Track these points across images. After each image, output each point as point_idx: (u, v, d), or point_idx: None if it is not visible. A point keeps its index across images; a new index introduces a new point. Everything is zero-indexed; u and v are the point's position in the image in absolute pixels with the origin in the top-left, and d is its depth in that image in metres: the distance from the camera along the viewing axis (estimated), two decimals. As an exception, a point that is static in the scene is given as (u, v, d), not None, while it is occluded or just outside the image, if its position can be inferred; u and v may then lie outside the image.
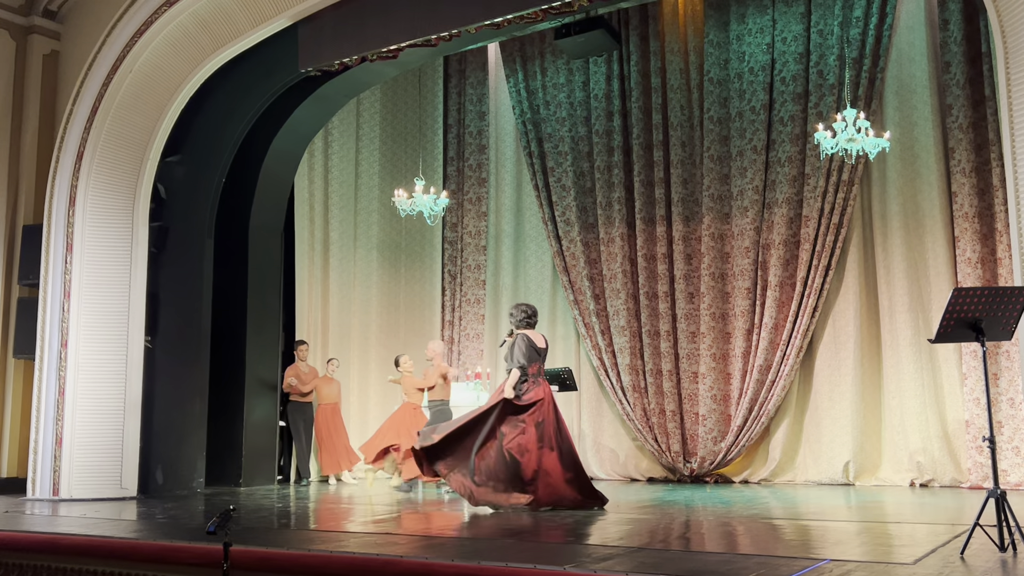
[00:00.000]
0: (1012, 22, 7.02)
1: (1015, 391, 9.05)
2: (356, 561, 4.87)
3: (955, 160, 9.61)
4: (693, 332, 10.94)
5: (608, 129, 11.67)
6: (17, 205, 10.42)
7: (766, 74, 10.70)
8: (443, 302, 12.86)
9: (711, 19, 11.12)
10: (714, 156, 10.93)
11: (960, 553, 4.74)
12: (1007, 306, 5.01)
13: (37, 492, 9.44)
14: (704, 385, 10.68)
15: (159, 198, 10.39)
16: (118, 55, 9.77)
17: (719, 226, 10.87)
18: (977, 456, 9.17)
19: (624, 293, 11.28)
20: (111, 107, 9.82)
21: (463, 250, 12.75)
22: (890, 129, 9.78)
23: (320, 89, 10.31)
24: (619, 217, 11.43)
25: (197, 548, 5.30)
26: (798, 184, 10.39)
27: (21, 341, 10.06)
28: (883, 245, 10.06)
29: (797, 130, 10.39)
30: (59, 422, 9.47)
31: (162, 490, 9.91)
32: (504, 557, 4.88)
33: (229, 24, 9.61)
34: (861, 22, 10.08)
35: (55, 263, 9.71)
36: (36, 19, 10.53)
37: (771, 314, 10.30)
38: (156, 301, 10.25)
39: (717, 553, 5.12)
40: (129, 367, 9.73)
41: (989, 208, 9.42)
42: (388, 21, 9.27)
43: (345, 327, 12.37)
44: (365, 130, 12.83)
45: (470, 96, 12.95)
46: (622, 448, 11.33)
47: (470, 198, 12.76)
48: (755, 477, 10.46)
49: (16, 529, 6.54)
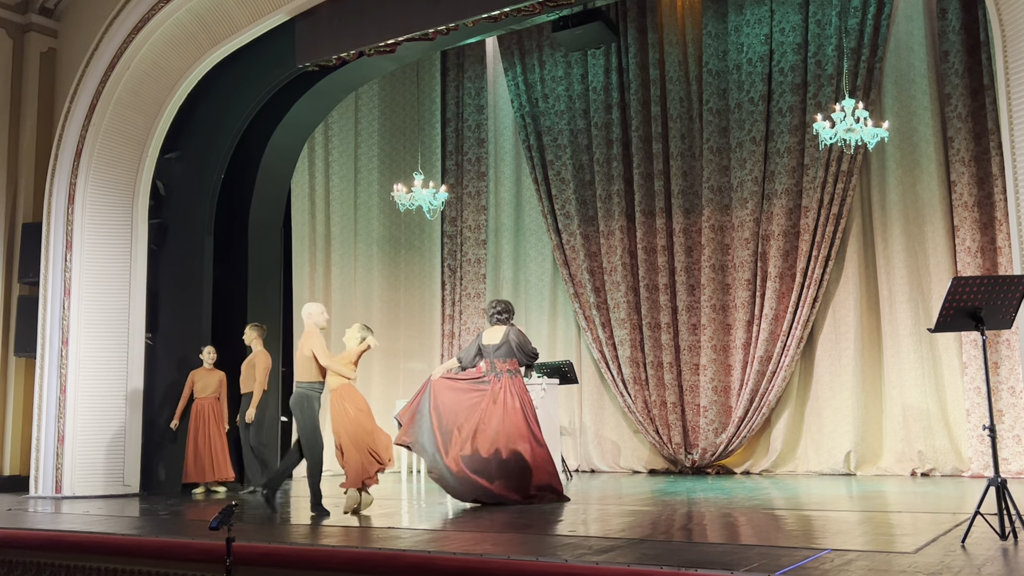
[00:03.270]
0: (1010, 11, 7.00)
1: (1015, 379, 9.05)
2: (359, 555, 4.88)
3: (954, 149, 9.61)
4: (694, 324, 10.94)
5: (607, 122, 11.66)
6: (16, 203, 10.42)
7: (764, 65, 10.68)
8: (443, 296, 12.86)
9: (709, 10, 11.10)
10: (713, 148, 10.92)
11: (961, 541, 4.75)
12: (1006, 294, 5.01)
13: (40, 490, 9.46)
14: (705, 377, 10.69)
15: (158, 195, 10.38)
16: (115, 52, 9.76)
17: (719, 218, 10.86)
18: (978, 445, 9.17)
19: (624, 286, 11.28)
20: (109, 104, 9.82)
21: (463, 244, 12.75)
22: (889, 119, 9.77)
23: (318, 84, 10.29)
24: (619, 210, 11.43)
25: (200, 544, 5.31)
26: (797, 175, 10.38)
27: (22, 339, 10.07)
28: (883, 235, 10.06)
29: (796, 121, 10.38)
30: (61, 420, 9.48)
31: (164, 486, 9.92)
32: (506, 550, 4.89)
33: (226, 20, 9.60)
34: (859, 11, 10.06)
35: (55, 261, 9.72)
36: (33, 17, 10.51)
37: (771, 305, 10.30)
38: (156, 298, 10.25)
39: (719, 544, 5.13)
40: (130, 364, 9.75)
41: (988, 197, 9.42)
42: (385, 15, 9.26)
43: (347, 322, 12.34)
44: (364, 125, 12.82)
45: (468, 90, 12.93)
46: (623, 440, 11.35)
47: (469, 192, 12.75)
48: (756, 468, 10.47)
49: (19, 527, 6.55)
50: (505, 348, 7.60)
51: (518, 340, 7.63)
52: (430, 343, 12.85)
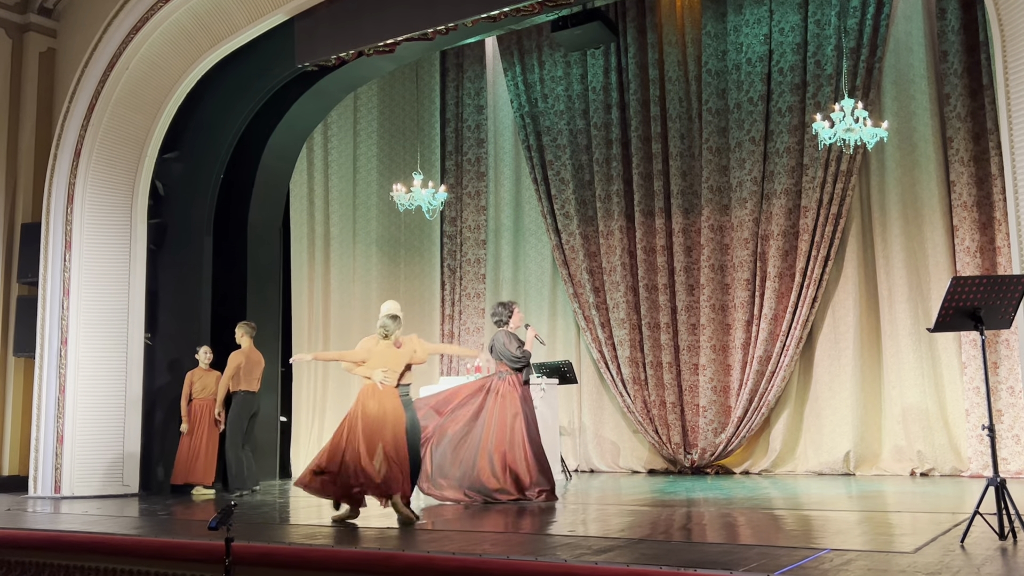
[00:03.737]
0: (1009, 11, 7.00)
1: (1015, 379, 9.05)
2: (358, 555, 4.88)
3: (953, 149, 9.61)
4: (693, 324, 10.94)
5: (606, 122, 11.66)
6: (15, 203, 10.42)
7: (764, 65, 10.68)
8: (443, 296, 12.86)
9: (708, 10, 11.10)
10: (712, 148, 10.92)
11: (960, 541, 4.75)
12: (1006, 294, 5.01)
13: (39, 490, 9.45)
14: (704, 376, 10.68)
15: (157, 195, 10.38)
16: (114, 52, 9.76)
17: (718, 218, 10.86)
18: (977, 445, 9.18)
19: (624, 286, 11.28)
20: (108, 104, 9.81)
21: (462, 244, 12.75)
22: (888, 119, 9.77)
23: (317, 84, 10.29)
24: (618, 210, 11.43)
25: (199, 544, 5.31)
26: (797, 175, 10.38)
27: (21, 339, 10.06)
28: (882, 235, 10.06)
29: (795, 121, 10.38)
30: (60, 420, 9.48)
31: (163, 487, 9.92)
32: (505, 550, 4.89)
33: (225, 20, 9.60)
34: (858, 11, 10.06)
35: (54, 261, 9.71)
36: (32, 16, 10.51)
37: (771, 305, 10.30)
38: (155, 298, 10.25)
39: (718, 544, 5.13)
40: (129, 364, 9.75)
41: (988, 197, 9.42)
42: (384, 15, 9.26)
43: (345, 322, 12.36)
44: (363, 125, 12.81)
45: (468, 90, 12.93)
46: (623, 440, 11.35)
47: (469, 192, 12.75)
48: (756, 468, 10.47)
49: (18, 527, 6.54)
50: (495, 352, 7.86)
51: (501, 345, 7.80)
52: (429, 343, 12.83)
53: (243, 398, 9.36)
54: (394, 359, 6.71)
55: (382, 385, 6.52)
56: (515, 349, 7.73)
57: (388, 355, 6.71)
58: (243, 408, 9.35)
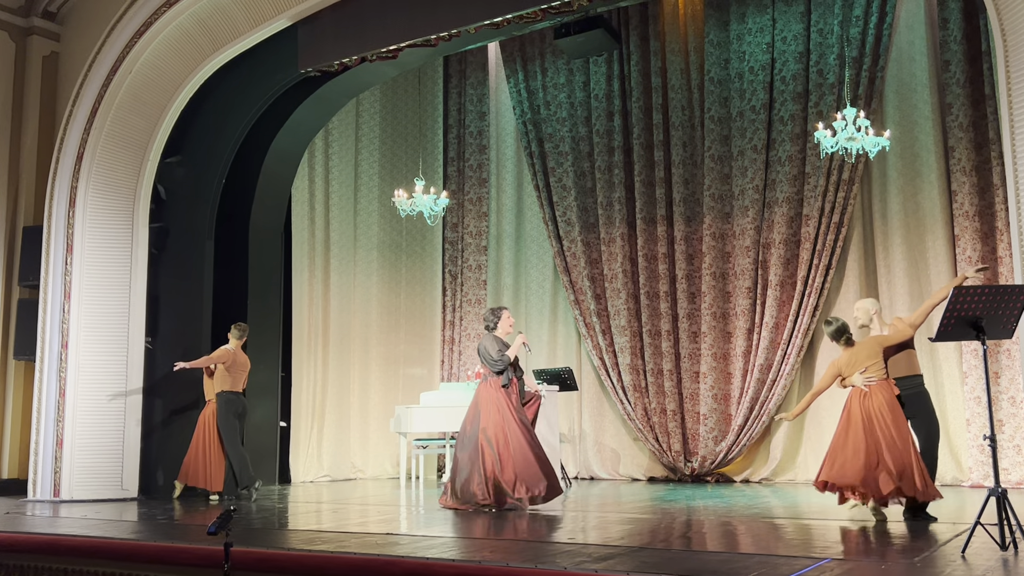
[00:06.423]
0: (1012, 20, 7.01)
1: (1016, 389, 9.04)
2: (357, 561, 4.87)
3: (955, 159, 9.61)
4: (694, 331, 10.94)
5: (609, 129, 11.67)
6: (17, 206, 10.43)
7: (766, 73, 10.70)
8: (444, 302, 12.86)
9: (711, 18, 11.12)
10: (715, 156, 10.92)
11: (961, 552, 4.74)
12: (1007, 305, 5.01)
13: (38, 493, 9.44)
14: (705, 384, 10.67)
15: (159, 199, 10.39)
16: (117, 56, 9.77)
17: (720, 225, 10.86)
18: (978, 455, 9.16)
19: (625, 293, 11.28)
20: (111, 108, 9.82)
21: (464, 250, 12.75)
22: (890, 128, 9.77)
23: (320, 89, 10.31)
24: (620, 217, 11.43)
25: (198, 549, 5.30)
26: (798, 183, 10.39)
27: (21, 342, 10.06)
28: (883, 244, 10.06)
29: (797, 129, 10.39)
30: (60, 423, 9.47)
31: (163, 491, 9.90)
32: (505, 557, 4.88)
33: (229, 25, 9.62)
34: (861, 21, 10.08)
35: (55, 264, 9.71)
36: (36, 20, 10.53)
37: (772, 313, 10.30)
38: (156, 302, 10.24)
39: (718, 552, 5.12)
40: (130, 368, 9.73)
41: (989, 207, 9.42)
42: (387, 21, 9.28)
43: (345, 328, 12.36)
44: (365, 130, 12.83)
45: (470, 96, 12.95)
46: (623, 447, 11.33)
47: (471, 198, 12.76)
48: (756, 476, 10.46)
49: (17, 530, 6.54)
50: (479, 355, 7.95)
51: (483, 348, 7.83)
52: (430, 349, 12.84)
53: (227, 398, 9.30)
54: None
55: None
56: (494, 352, 7.76)
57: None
58: (228, 408, 9.30)
